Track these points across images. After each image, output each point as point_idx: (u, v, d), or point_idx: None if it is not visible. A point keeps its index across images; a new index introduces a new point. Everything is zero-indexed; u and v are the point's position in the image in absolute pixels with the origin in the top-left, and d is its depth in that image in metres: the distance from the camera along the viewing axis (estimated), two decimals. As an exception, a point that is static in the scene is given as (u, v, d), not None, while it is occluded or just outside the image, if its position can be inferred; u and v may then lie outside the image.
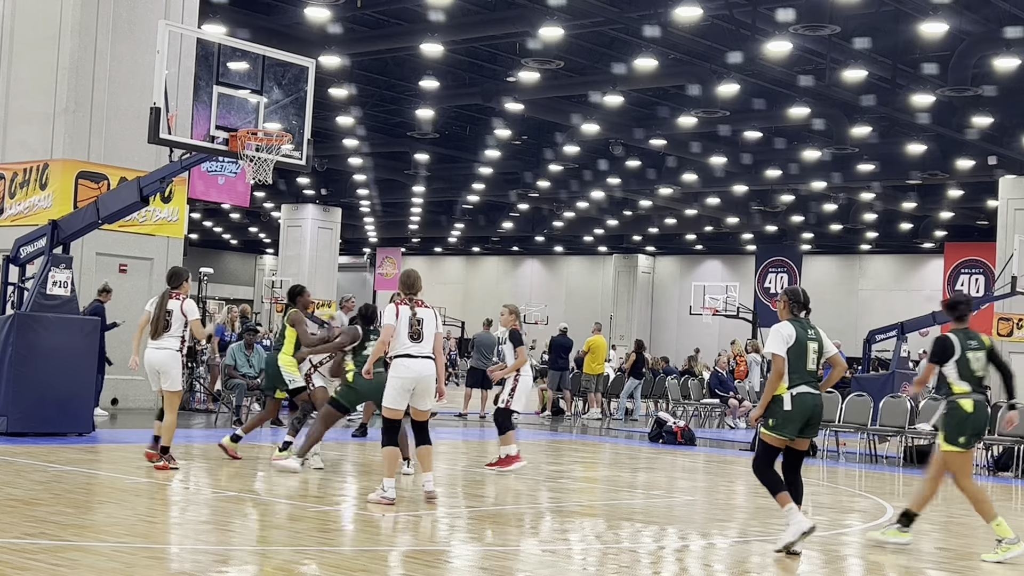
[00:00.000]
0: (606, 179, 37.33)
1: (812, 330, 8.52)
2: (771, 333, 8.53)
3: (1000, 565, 8.62)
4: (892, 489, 13.87)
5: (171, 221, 18.76)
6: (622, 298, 55.29)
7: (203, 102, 12.84)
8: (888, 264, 50.38)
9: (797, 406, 8.30)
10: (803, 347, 8.38)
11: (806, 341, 8.40)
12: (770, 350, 8.44)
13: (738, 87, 25.02)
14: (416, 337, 9.81)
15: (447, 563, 7.63)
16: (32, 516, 8.24)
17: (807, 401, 8.34)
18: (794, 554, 8.27)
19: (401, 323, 9.82)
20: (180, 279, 11.66)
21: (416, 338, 9.81)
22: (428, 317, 9.96)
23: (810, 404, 8.35)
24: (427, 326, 9.91)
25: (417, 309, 9.91)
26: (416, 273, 10.32)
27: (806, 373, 8.38)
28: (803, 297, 8.65)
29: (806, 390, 8.35)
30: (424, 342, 9.87)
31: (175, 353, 11.46)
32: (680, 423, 18.93)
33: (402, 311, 9.88)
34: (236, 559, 7.45)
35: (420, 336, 9.83)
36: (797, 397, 8.32)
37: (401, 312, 9.87)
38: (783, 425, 8.33)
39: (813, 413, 8.39)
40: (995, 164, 29.91)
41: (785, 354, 8.33)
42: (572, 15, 21.79)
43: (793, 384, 8.33)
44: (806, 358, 8.38)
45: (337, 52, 24.17)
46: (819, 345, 8.50)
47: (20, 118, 18.29)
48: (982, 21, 21.82)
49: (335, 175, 40.89)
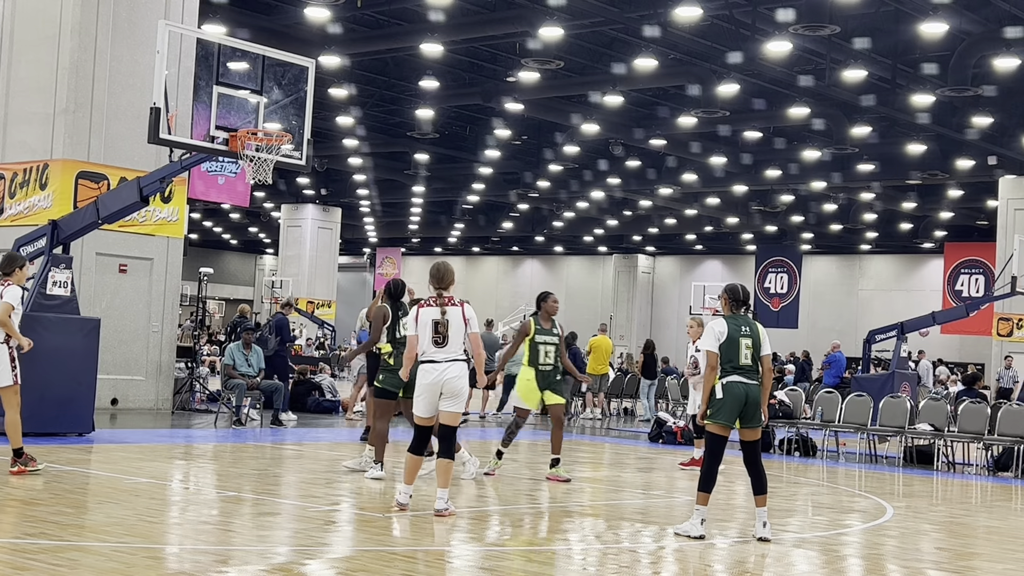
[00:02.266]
0: (606, 179, 37.33)
1: (748, 326, 9.03)
2: (705, 330, 9.20)
3: (1000, 565, 8.62)
4: (892, 489, 13.87)
5: (171, 221, 18.76)
6: (622, 298, 55.28)
7: (203, 102, 12.84)
8: (888, 264, 50.37)
9: (727, 393, 8.86)
10: (735, 342, 8.93)
11: (738, 337, 8.94)
12: (703, 347, 9.11)
13: (738, 87, 25.02)
14: (441, 341, 9.20)
15: (447, 563, 7.63)
16: (32, 516, 8.24)
17: (738, 389, 8.87)
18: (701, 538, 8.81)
19: (424, 328, 9.22)
20: (12, 265, 10.63)
21: (441, 342, 9.20)
22: (455, 317, 9.26)
23: (741, 391, 8.88)
24: (454, 327, 9.23)
25: (446, 309, 9.24)
26: (446, 266, 9.51)
27: (739, 366, 8.91)
28: (742, 294, 9.24)
29: (737, 379, 8.88)
30: (450, 345, 9.23)
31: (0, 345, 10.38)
32: (680, 423, 18.92)
33: (423, 315, 9.27)
34: (236, 559, 7.45)
35: (445, 339, 9.20)
36: (727, 385, 8.88)
37: (423, 316, 9.27)
38: (718, 412, 8.91)
39: (747, 401, 8.89)
40: (995, 164, 29.92)
41: (717, 349, 8.91)
42: (572, 15, 21.80)
43: (724, 375, 8.90)
44: (738, 352, 8.91)
45: (337, 52, 24.18)
46: (753, 340, 8.99)
47: (20, 118, 18.29)
48: (982, 21, 21.82)
49: (335, 175, 40.90)
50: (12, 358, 10.37)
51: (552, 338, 12.35)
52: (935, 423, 16.64)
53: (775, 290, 47.46)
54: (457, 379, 9.26)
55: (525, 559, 8.01)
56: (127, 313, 18.32)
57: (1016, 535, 10.67)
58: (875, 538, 9.76)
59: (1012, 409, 16.37)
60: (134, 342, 18.30)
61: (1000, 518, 11.91)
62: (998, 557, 9.20)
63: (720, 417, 8.89)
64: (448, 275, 9.46)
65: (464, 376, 9.34)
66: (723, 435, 8.92)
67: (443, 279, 9.44)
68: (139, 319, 18.42)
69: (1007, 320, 30.10)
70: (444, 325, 9.23)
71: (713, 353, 8.91)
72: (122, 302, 18.27)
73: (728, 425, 8.90)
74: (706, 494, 8.91)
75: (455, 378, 9.25)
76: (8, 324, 10.23)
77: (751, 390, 8.89)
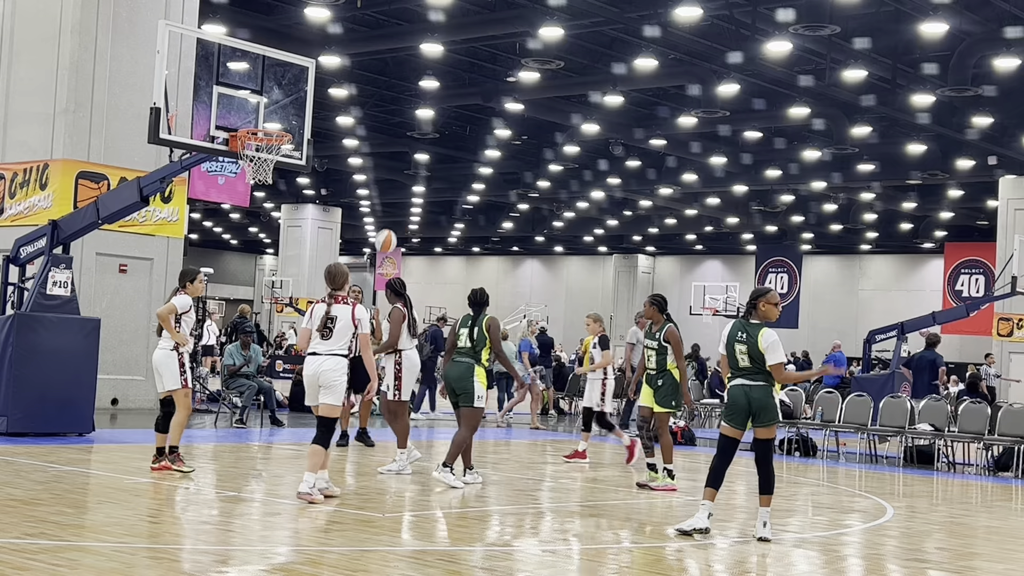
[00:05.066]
0: (606, 179, 37.33)
1: (744, 331, 8.93)
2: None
3: (1000, 565, 8.62)
4: (892, 489, 13.87)
5: (171, 221, 18.77)
6: (622, 298, 55.28)
7: (203, 102, 12.83)
8: (888, 264, 50.37)
9: (730, 397, 9.00)
10: (731, 348, 8.95)
11: (734, 342, 8.94)
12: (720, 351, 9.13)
13: (738, 87, 25.02)
14: (326, 335, 9.87)
15: (447, 563, 7.63)
16: (32, 516, 8.23)
17: (738, 392, 8.93)
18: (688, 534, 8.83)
19: (314, 321, 9.95)
20: (185, 279, 11.31)
21: (326, 336, 9.88)
22: (344, 315, 9.88)
23: (742, 394, 8.90)
24: (340, 324, 9.87)
25: (335, 306, 9.92)
26: (338, 267, 10.21)
27: (738, 370, 8.92)
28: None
29: (738, 382, 8.94)
30: (333, 340, 9.88)
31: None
32: (680, 423, 18.90)
33: (316, 310, 10.01)
34: (236, 559, 7.45)
35: (330, 334, 9.86)
36: (730, 390, 9.02)
37: (315, 311, 10.00)
38: (725, 415, 9.06)
39: (750, 402, 8.86)
40: (995, 164, 29.93)
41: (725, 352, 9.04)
42: (572, 15, 21.80)
43: (729, 379, 9.02)
44: (735, 358, 8.92)
45: (337, 52, 24.18)
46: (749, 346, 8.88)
47: (20, 118, 18.29)
48: (982, 21, 21.82)
49: (335, 175, 40.90)
50: (181, 364, 10.91)
51: (652, 342, 12.28)
52: (935, 423, 16.64)
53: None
54: (331, 372, 9.85)
55: (525, 559, 8.01)
56: (127, 313, 18.32)
57: (1016, 535, 10.67)
58: (875, 538, 9.75)
59: (1012, 409, 16.38)
60: (134, 342, 18.31)
61: (1000, 518, 11.91)
62: (998, 557, 9.19)
63: (728, 420, 8.97)
64: (340, 276, 10.11)
65: (339, 370, 9.88)
66: (730, 436, 8.94)
67: (335, 280, 10.09)
68: (139, 319, 18.42)
69: (1007, 320, 30.10)
70: (332, 321, 9.91)
71: (723, 356, 9.11)
72: (122, 302, 18.28)
73: (735, 427, 8.91)
74: (713, 490, 8.90)
75: (330, 371, 9.85)
76: (167, 322, 10.79)
77: (752, 391, 8.88)
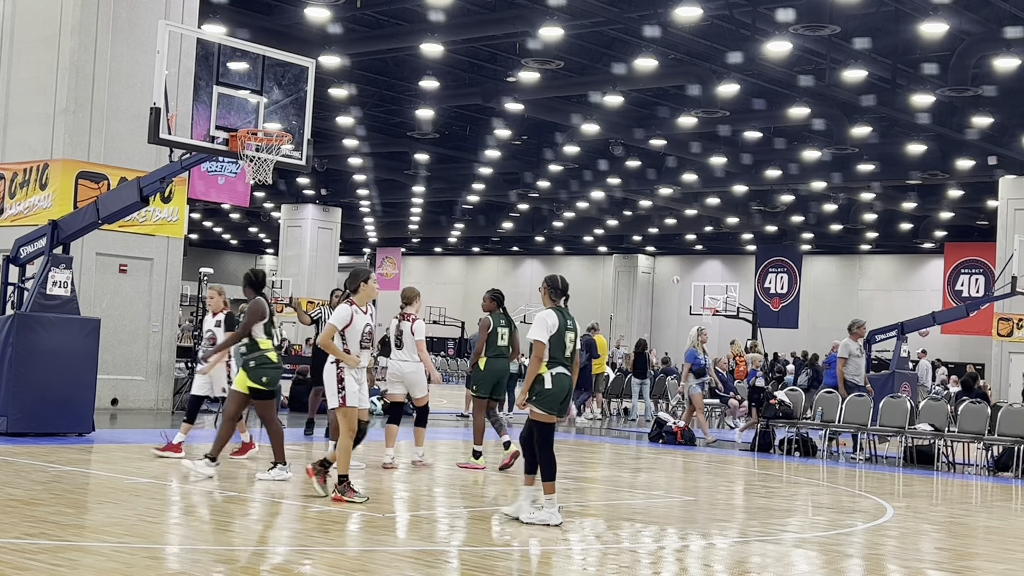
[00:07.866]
0: (606, 179, 37.34)
1: (571, 320, 9.30)
2: (536, 320, 9.22)
3: (1000, 565, 8.62)
4: (892, 489, 13.87)
5: (171, 221, 18.76)
6: (622, 298, 55.30)
7: (203, 102, 12.83)
8: (888, 264, 50.38)
9: (557, 385, 9.12)
10: (562, 336, 9.16)
11: (565, 331, 9.18)
12: (532, 336, 9.18)
13: (738, 87, 25.03)
14: (399, 344, 12.33)
15: (447, 563, 7.63)
16: (32, 516, 8.23)
17: (566, 381, 9.18)
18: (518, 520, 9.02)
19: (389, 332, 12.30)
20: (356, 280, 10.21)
21: (398, 345, 12.33)
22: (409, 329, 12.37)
23: (567, 384, 9.19)
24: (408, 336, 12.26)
25: (403, 322, 12.34)
26: (411, 290, 12.64)
27: (566, 358, 9.20)
28: (561, 284, 9.41)
29: (563, 371, 9.18)
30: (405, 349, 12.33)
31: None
32: (680, 423, 18.92)
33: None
34: (236, 559, 7.45)
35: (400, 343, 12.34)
36: (557, 377, 9.13)
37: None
38: (547, 402, 9.12)
39: (568, 392, 9.24)
40: (995, 164, 29.94)
41: (547, 341, 9.10)
42: (572, 15, 21.80)
43: (552, 366, 9.15)
44: (564, 346, 9.18)
45: (337, 52, 24.18)
46: (575, 334, 9.32)
47: (20, 118, 18.29)
48: (982, 21, 21.82)
49: (335, 175, 40.90)
50: (340, 379, 9.93)
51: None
52: (935, 423, 16.63)
53: (775, 290, 47.47)
54: (413, 373, 12.31)
55: (525, 559, 8.01)
56: (127, 313, 18.32)
57: (1016, 535, 10.67)
58: (875, 538, 9.75)
59: (1012, 409, 16.38)
60: (134, 342, 18.31)
61: (1000, 518, 11.91)
62: (998, 557, 9.19)
63: (549, 407, 9.13)
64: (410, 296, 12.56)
65: (419, 371, 12.32)
66: (552, 423, 9.21)
67: (409, 300, 12.56)
68: (139, 319, 18.43)
69: (1007, 320, 30.10)
70: (401, 334, 12.27)
71: (542, 344, 9.10)
72: (122, 302, 18.28)
73: (555, 414, 9.17)
74: (554, 483, 9.12)
75: (411, 373, 12.31)
76: (331, 347, 9.88)
77: (571, 382, 9.24)
